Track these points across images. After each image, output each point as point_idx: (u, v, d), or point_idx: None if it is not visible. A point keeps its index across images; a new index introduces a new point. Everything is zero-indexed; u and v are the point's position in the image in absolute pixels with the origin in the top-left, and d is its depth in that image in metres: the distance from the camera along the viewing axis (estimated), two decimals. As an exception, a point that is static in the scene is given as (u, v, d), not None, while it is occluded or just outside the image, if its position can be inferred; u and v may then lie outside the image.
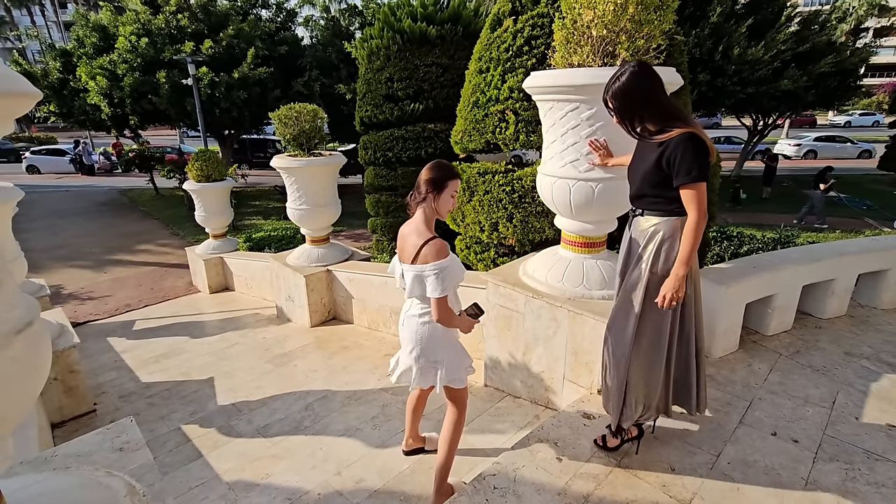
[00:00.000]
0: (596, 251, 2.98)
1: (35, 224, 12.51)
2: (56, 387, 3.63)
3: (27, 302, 1.13)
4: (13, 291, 1.10)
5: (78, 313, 7.18)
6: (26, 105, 1.11)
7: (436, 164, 2.09)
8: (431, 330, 2.16)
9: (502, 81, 3.47)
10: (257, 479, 2.73)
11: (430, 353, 2.19)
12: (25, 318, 1.08)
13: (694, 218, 1.77)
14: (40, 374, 1.13)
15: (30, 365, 1.08)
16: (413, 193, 2.11)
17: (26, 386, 1.08)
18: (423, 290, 2.04)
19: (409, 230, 2.11)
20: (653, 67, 1.90)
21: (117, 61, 11.96)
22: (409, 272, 2.08)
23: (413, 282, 2.07)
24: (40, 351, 1.12)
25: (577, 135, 2.63)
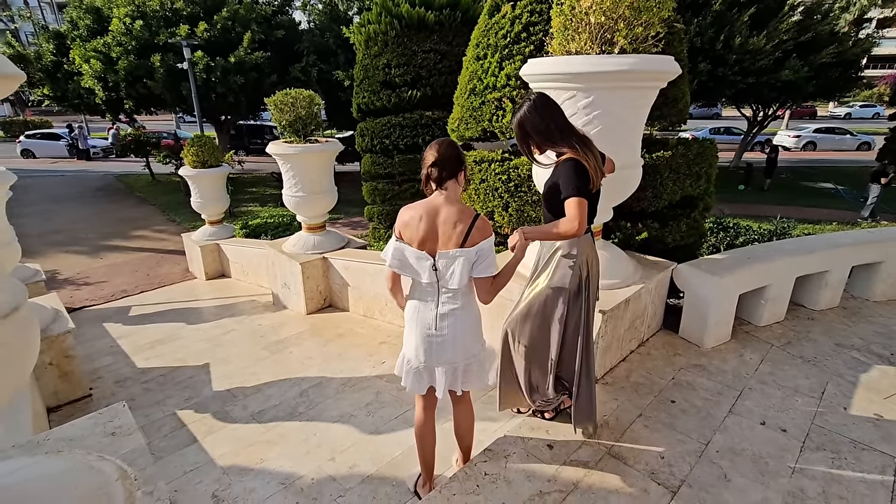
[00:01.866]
0: (591, 241, 2.98)
1: (30, 209, 12.44)
2: (51, 371, 3.63)
3: (14, 287, 1.13)
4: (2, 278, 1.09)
5: (74, 299, 7.17)
6: (9, 87, 1.09)
7: (450, 141, 1.92)
8: (479, 318, 2.00)
9: (500, 68, 3.43)
10: (251, 463, 2.75)
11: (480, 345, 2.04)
12: (12, 303, 1.07)
13: (566, 223, 1.93)
14: (28, 357, 1.13)
15: (17, 349, 1.08)
16: (435, 172, 1.84)
17: (13, 370, 1.08)
18: (469, 274, 1.85)
19: (447, 213, 1.83)
20: (551, 100, 2.10)
21: (111, 44, 11.79)
22: (456, 258, 1.82)
23: (463, 268, 1.83)
24: (27, 335, 1.12)
25: (574, 123, 2.61)
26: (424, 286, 1.93)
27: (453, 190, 1.88)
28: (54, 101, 13.73)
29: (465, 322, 1.95)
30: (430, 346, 1.94)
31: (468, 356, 1.98)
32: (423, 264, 1.87)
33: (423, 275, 1.89)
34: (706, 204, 3.65)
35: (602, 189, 2.66)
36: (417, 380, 2.01)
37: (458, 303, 1.92)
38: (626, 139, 2.66)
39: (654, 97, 2.67)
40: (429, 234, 1.84)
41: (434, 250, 1.86)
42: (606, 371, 2.83)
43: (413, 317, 1.97)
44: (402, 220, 1.89)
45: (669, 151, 3.29)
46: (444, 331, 1.92)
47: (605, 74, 2.39)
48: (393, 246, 1.92)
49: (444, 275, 1.86)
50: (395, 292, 2.08)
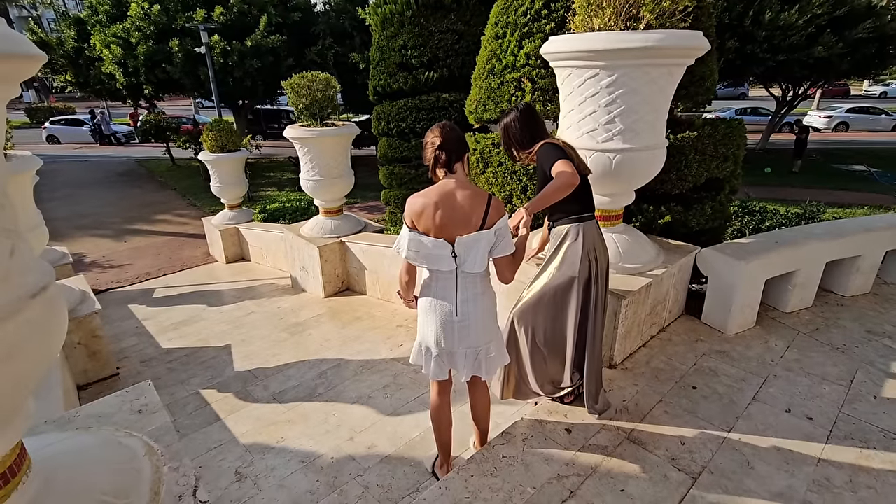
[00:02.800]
0: (611, 224, 2.92)
1: (57, 193, 12.76)
2: (80, 351, 3.75)
3: (42, 267, 1.14)
4: (28, 257, 1.11)
5: (100, 281, 7.37)
6: (31, 68, 1.09)
7: (451, 124, 1.89)
8: (496, 300, 1.97)
9: (519, 47, 3.34)
10: (273, 442, 2.82)
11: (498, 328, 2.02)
12: (40, 283, 1.09)
13: (557, 177, 1.98)
14: (56, 336, 1.15)
15: (46, 328, 1.10)
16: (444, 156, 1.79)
17: (43, 348, 1.11)
18: (489, 256, 1.84)
19: (463, 196, 1.78)
20: (534, 112, 2.26)
21: (130, 29, 11.87)
22: (477, 242, 1.79)
23: (484, 250, 1.81)
24: (56, 314, 1.14)
25: (596, 103, 2.54)
26: (443, 274, 1.88)
27: (462, 172, 1.85)
28: (76, 86, 13.95)
29: (485, 305, 1.93)
30: (452, 332, 1.91)
31: (489, 339, 1.97)
32: (443, 252, 1.81)
33: (443, 263, 1.83)
34: (732, 187, 3.53)
35: (625, 170, 2.61)
36: (439, 366, 1.98)
37: (478, 287, 1.90)
38: (650, 119, 2.57)
39: (681, 75, 2.57)
40: (447, 220, 1.79)
41: (453, 236, 1.80)
42: (626, 356, 2.79)
43: (431, 306, 1.93)
44: (414, 210, 1.82)
45: (695, 132, 3.18)
46: (466, 316, 1.89)
47: (630, 51, 2.30)
48: (408, 237, 1.85)
49: (463, 260, 1.83)
50: (410, 287, 2.02)
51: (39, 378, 1.15)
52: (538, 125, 2.23)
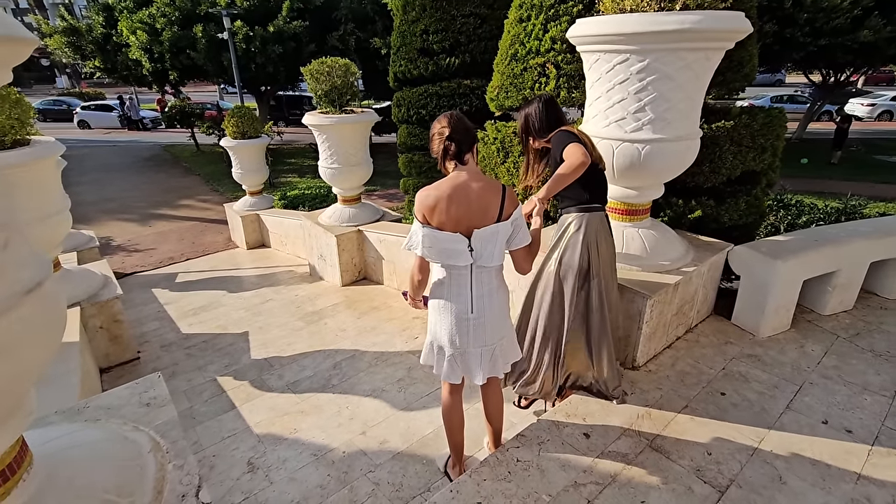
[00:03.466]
0: (638, 219, 2.78)
1: (86, 178, 13.09)
2: (102, 335, 3.81)
3: (38, 261, 1.10)
4: (23, 250, 1.06)
5: (125, 264, 7.53)
6: (21, 52, 1.03)
7: (458, 113, 1.82)
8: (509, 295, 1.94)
9: (544, 31, 3.18)
10: (286, 433, 2.80)
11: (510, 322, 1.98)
12: (35, 278, 1.04)
13: (567, 160, 2.00)
14: (54, 332, 1.11)
15: (40, 325, 1.05)
16: (454, 147, 1.71)
17: (39, 345, 1.06)
18: (506, 248, 1.81)
19: (478, 188, 1.71)
20: (557, 104, 2.30)
21: (156, 15, 11.97)
22: (494, 235, 1.73)
23: (501, 242, 1.76)
24: (51, 311, 1.10)
25: (625, 90, 2.39)
26: (458, 270, 1.80)
27: (472, 163, 1.78)
28: (104, 72, 14.20)
29: (500, 301, 1.88)
30: (466, 330, 1.84)
31: (502, 335, 1.92)
32: (460, 247, 1.74)
33: (460, 258, 1.75)
34: (769, 180, 3.32)
35: (654, 163, 2.46)
36: (451, 367, 1.91)
37: (493, 282, 1.85)
38: (683, 108, 2.40)
39: (719, 60, 2.39)
40: (463, 213, 1.71)
41: (469, 230, 1.73)
42: (650, 358, 2.67)
43: (445, 304, 1.85)
44: (427, 204, 1.73)
45: (731, 121, 2.98)
46: (482, 313, 1.83)
47: (665, 34, 2.14)
48: (421, 233, 1.75)
49: (480, 254, 1.75)
50: (423, 286, 1.92)
51: (38, 375, 1.12)
52: (559, 117, 2.26)
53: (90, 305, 3.70)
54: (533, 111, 2.24)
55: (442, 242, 1.74)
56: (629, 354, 2.59)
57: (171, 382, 3.58)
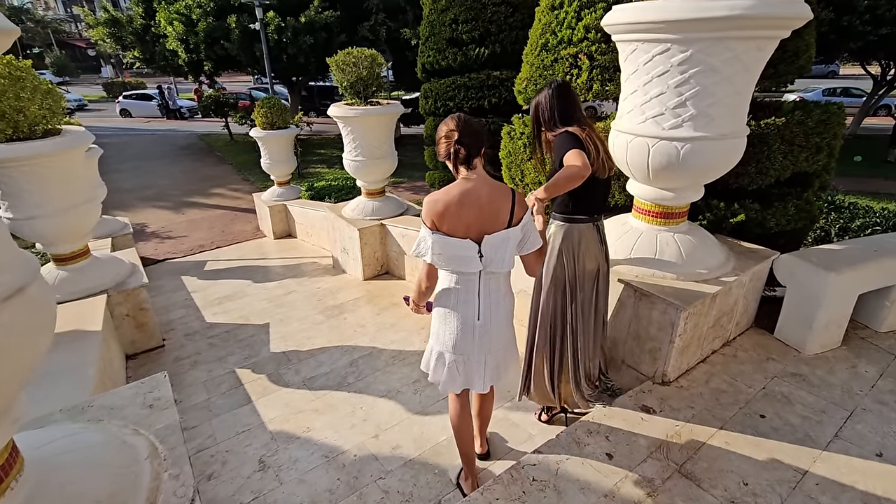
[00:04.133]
0: (673, 223, 2.58)
1: (126, 165, 13.55)
2: (128, 323, 3.88)
3: (23, 264, 1.04)
4: (5, 253, 1.00)
5: (158, 251, 7.73)
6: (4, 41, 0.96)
7: (466, 116, 1.75)
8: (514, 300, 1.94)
9: (577, 19, 2.98)
10: (299, 431, 2.77)
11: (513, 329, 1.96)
12: (16, 283, 0.98)
13: (568, 166, 1.89)
14: (38, 339, 1.06)
15: (23, 331, 0.99)
16: (463, 151, 1.67)
17: (19, 353, 1.01)
18: (517, 253, 1.77)
19: (488, 193, 1.67)
20: (571, 92, 2.11)
21: (192, 6, 12.19)
22: (506, 240, 1.70)
23: (512, 248, 1.73)
24: (36, 316, 1.04)
25: (664, 84, 2.19)
26: (466, 276, 1.75)
27: (481, 167, 1.74)
28: (143, 62, 14.60)
29: (507, 307, 1.86)
30: (472, 337, 1.80)
31: (506, 343, 1.90)
32: (470, 253, 1.69)
33: (470, 264, 1.70)
34: (823, 182, 3.03)
35: (695, 162, 2.26)
36: (451, 376, 1.87)
37: (501, 288, 1.82)
38: (730, 103, 2.19)
39: (772, 50, 2.16)
40: (474, 219, 1.67)
41: (480, 236, 1.69)
42: (682, 373, 2.48)
43: (451, 310, 1.80)
44: (436, 211, 1.67)
45: (782, 118, 2.72)
46: (488, 319, 1.80)
47: (712, 21, 1.93)
48: (431, 239, 1.70)
49: (491, 260, 1.71)
50: (429, 293, 1.86)
51: (23, 380, 1.06)
52: (570, 107, 2.07)
53: (117, 293, 3.76)
54: (543, 99, 2.10)
55: (452, 249, 1.69)
56: (658, 368, 2.42)
57: (191, 373, 3.62)
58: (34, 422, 1.58)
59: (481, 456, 2.34)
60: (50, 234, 3.55)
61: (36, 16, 37.49)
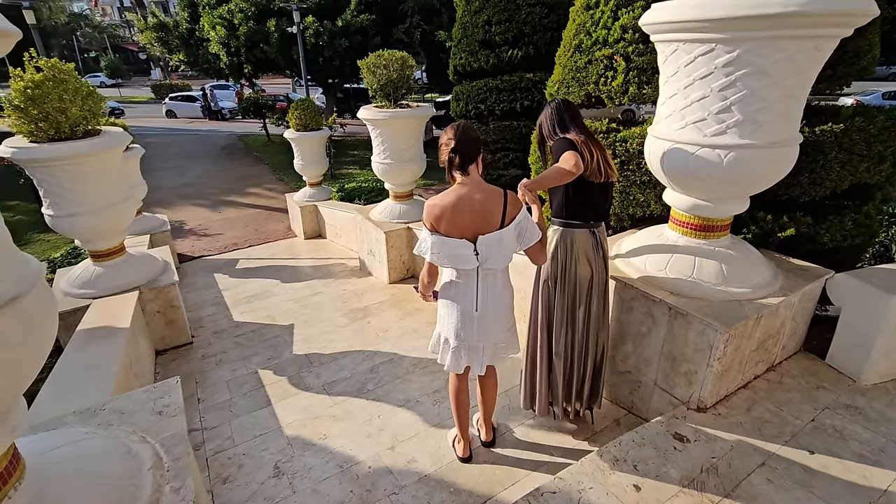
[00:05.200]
0: (714, 236, 2.40)
1: (169, 164, 14.11)
2: (159, 319, 3.97)
3: (21, 272, 1.01)
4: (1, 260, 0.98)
5: (194, 248, 7.97)
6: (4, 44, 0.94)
7: (465, 125, 1.94)
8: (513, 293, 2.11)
9: (614, 19, 2.83)
10: (315, 438, 2.73)
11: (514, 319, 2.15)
12: (12, 292, 0.96)
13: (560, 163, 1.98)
14: (33, 352, 1.03)
15: (16, 344, 0.96)
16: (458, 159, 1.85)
17: (13, 364, 0.98)
18: (516, 249, 1.93)
19: (481, 197, 1.84)
20: (572, 107, 2.21)
21: (234, 11, 12.58)
22: (500, 239, 1.85)
23: (508, 245, 1.88)
24: (33, 325, 1.01)
25: (707, 86, 2.03)
26: (465, 271, 1.94)
27: (475, 173, 1.90)
28: (188, 65, 15.21)
29: (504, 300, 2.03)
30: (472, 326, 1.99)
31: (505, 331, 2.07)
32: (466, 252, 1.87)
33: (467, 262, 1.89)
34: (885, 194, 2.76)
35: (740, 172, 2.08)
36: (455, 359, 2.09)
37: (498, 283, 1.98)
38: (780, 108, 2.01)
39: (832, 50, 1.96)
40: (468, 222, 1.84)
41: (475, 236, 1.86)
42: (720, 399, 2.29)
43: (452, 301, 2.00)
44: (434, 215, 1.87)
45: (840, 124, 2.49)
46: (486, 310, 1.96)
47: (763, 19, 1.77)
48: (430, 241, 1.89)
49: (486, 257, 1.88)
50: (431, 286, 2.07)
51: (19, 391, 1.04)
52: (569, 119, 2.17)
53: (149, 290, 3.85)
54: (545, 116, 2.24)
55: (449, 248, 1.87)
56: (694, 393, 2.24)
57: (216, 371, 3.66)
58: (48, 423, 1.59)
59: (487, 443, 2.49)
60: (88, 231, 3.67)
61: (93, 22, 39.77)
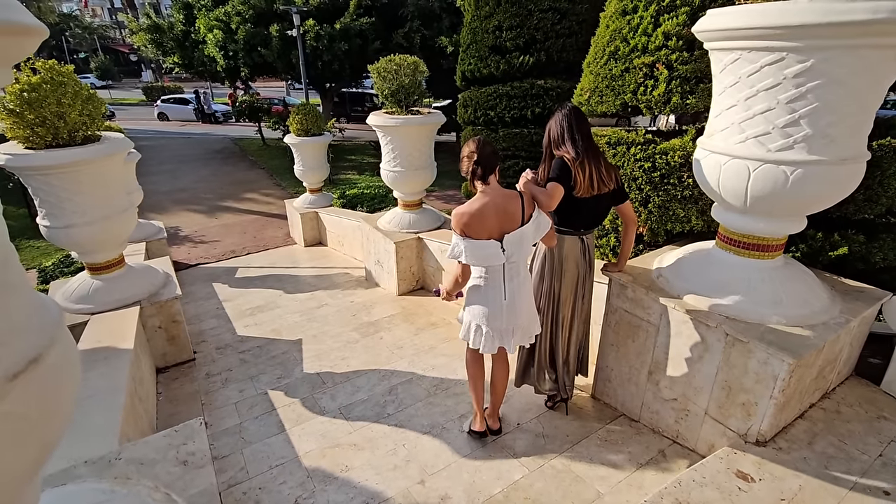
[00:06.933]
0: (768, 256, 2.25)
1: (162, 167, 13.80)
2: (160, 335, 3.75)
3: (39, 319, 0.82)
4: (17, 316, 0.78)
5: (191, 256, 7.72)
6: (29, 42, 0.76)
7: (485, 140, 2.17)
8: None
9: (655, 25, 2.69)
10: (336, 470, 2.54)
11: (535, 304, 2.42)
12: (30, 352, 0.77)
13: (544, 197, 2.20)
14: (54, 422, 0.84)
15: (34, 416, 0.77)
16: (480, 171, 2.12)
17: (30, 443, 0.79)
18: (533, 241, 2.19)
19: (503, 202, 2.12)
20: (582, 116, 2.33)
21: (231, 13, 12.34)
22: (522, 236, 2.13)
23: (529, 239, 2.16)
24: (55, 389, 0.82)
25: (773, 98, 1.89)
26: (493, 267, 2.19)
27: (494, 182, 2.17)
28: (182, 68, 14.91)
29: (528, 287, 2.31)
30: (502, 314, 2.23)
31: (529, 315, 2.31)
32: (495, 251, 2.12)
33: (497, 259, 2.14)
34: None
35: (807, 190, 1.95)
36: (489, 341, 2.29)
37: (521, 273, 2.25)
38: (853, 123, 1.88)
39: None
40: (494, 225, 2.11)
41: (501, 235, 2.12)
42: (778, 431, 2.14)
43: (483, 294, 2.24)
44: (464, 222, 2.11)
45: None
46: (514, 299, 2.22)
47: (847, 27, 1.63)
48: (463, 244, 2.13)
49: (511, 253, 2.14)
50: (463, 285, 2.29)
51: (25, 480, 0.84)
52: (579, 130, 2.28)
53: (150, 305, 3.63)
54: (553, 123, 2.35)
55: (480, 250, 2.12)
56: (753, 426, 2.09)
57: (222, 392, 3.45)
58: (57, 476, 1.39)
59: (494, 431, 2.68)
60: (87, 242, 3.45)
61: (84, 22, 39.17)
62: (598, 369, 2.87)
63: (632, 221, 2.46)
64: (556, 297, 2.50)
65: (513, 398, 3.00)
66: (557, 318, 2.53)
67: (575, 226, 2.39)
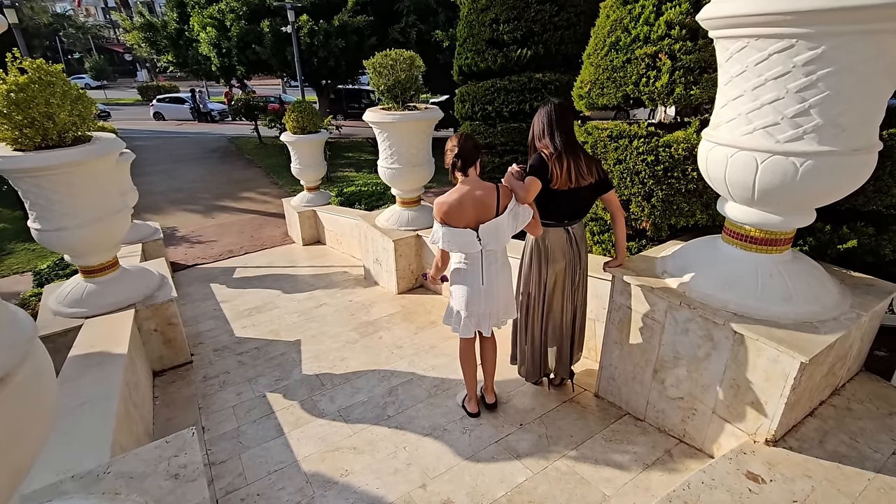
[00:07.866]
0: (777, 251, 2.19)
1: (158, 168, 13.69)
2: (156, 338, 3.69)
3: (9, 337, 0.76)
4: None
5: (188, 256, 7.65)
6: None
7: (467, 135, 2.31)
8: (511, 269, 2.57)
9: (657, 14, 2.62)
10: (336, 474, 2.48)
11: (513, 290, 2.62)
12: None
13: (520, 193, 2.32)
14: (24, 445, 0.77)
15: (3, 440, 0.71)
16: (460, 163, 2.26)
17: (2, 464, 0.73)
18: (512, 232, 2.31)
19: (480, 193, 2.25)
20: (567, 111, 2.41)
21: (225, 11, 12.21)
22: (497, 226, 2.25)
23: (506, 229, 2.28)
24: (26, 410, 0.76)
25: (782, 87, 1.83)
26: (471, 254, 2.36)
27: (474, 174, 2.30)
28: (177, 66, 14.78)
29: (505, 275, 2.46)
30: (479, 298, 2.41)
31: (506, 300, 2.49)
32: (470, 238, 2.27)
33: (472, 246, 2.30)
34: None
35: (816, 182, 1.89)
36: (467, 326, 2.50)
37: (498, 261, 2.41)
38: (865, 112, 1.81)
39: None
40: (470, 214, 2.25)
41: (477, 224, 2.26)
42: (788, 430, 2.09)
43: (463, 280, 2.42)
44: (443, 211, 2.26)
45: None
46: (491, 285, 2.39)
47: (862, 11, 1.56)
48: (442, 231, 2.29)
49: (487, 242, 2.29)
50: (443, 270, 2.49)
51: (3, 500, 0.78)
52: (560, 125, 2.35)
53: (145, 308, 3.57)
54: (536, 119, 2.42)
55: (457, 237, 2.28)
56: (763, 425, 2.03)
57: (220, 395, 3.40)
58: (43, 491, 1.33)
59: (490, 405, 2.84)
60: (79, 245, 3.38)
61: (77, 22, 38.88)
62: (601, 367, 2.82)
63: (618, 210, 2.48)
64: (544, 284, 2.61)
65: (515, 398, 2.95)
66: (550, 303, 2.65)
67: (557, 217, 2.49)
